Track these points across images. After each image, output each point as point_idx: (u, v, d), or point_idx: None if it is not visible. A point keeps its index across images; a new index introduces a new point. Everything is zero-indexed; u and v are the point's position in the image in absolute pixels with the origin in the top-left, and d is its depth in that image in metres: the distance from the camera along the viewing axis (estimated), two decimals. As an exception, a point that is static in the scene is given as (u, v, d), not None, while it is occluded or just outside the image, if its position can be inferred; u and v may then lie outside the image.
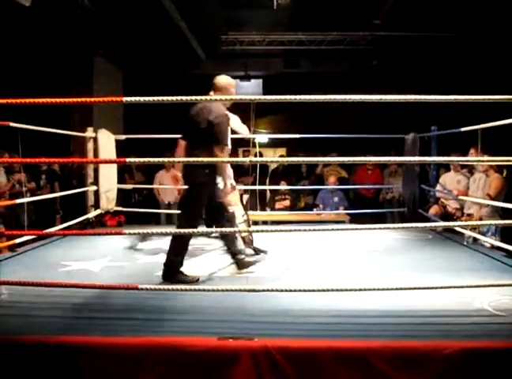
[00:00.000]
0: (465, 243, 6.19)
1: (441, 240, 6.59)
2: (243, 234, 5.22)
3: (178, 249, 4.50)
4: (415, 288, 3.81)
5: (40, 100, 4.35)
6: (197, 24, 9.70)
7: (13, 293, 4.03)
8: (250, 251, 5.33)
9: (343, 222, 8.25)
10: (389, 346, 3.01)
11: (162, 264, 4.63)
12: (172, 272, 4.47)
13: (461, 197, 6.96)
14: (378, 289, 3.93)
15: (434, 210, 7.57)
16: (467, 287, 3.94)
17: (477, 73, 10.61)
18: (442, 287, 3.88)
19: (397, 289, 3.81)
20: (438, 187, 7.69)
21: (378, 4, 9.37)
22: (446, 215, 7.46)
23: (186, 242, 4.54)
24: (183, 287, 3.98)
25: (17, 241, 5.54)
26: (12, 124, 5.37)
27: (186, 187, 4.69)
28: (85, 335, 3.16)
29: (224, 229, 4.55)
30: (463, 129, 6.22)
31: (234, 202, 5.32)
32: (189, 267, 4.99)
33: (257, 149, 5.92)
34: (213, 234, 5.79)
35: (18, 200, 6.04)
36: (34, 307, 3.77)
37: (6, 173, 7.69)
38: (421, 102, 3.71)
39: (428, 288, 3.88)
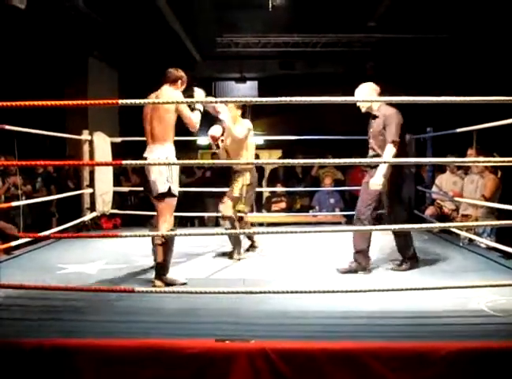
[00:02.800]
0: (461, 244, 6.21)
1: (437, 241, 6.60)
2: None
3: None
4: (411, 289, 3.81)
5: (35, 103, 4.35)
6: (192, 25, 9.71)
7: (9, 296, 4.02)
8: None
9: (339, 223, 8.25)
10: (386, 347, 3.01)
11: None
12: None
13: (456, 198, 6.98)
14: (375, 290, 3.94)
15: (430, 211, 7.59)
16: (463, 287, 3.95)
17: (472, 74, 10.62)
18: (438, 288, 3.89)
19: (393, 290, 3.82)
20: (434, 188, 7.71)
21: (373, 6, 9.39)
22: (442, 216, 7.48)
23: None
24: (180, 289, 3.99)
25: (13, 243, 5.53)
26: (7, 127, 5.36)
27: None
28: (82, 337, 3.15)
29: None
30: (458, 130, 6.23)
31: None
32: (185, 269, 5.01)
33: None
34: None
35: (14, 203, 6.02)
36: (30, 310, 3.76)
37: (2, 176, 7.68)
38: (416, 103, 3.72)
39: (425, 289, 3.88)
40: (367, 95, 4.84)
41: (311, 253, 5.87)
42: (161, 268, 4.34)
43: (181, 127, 4.63)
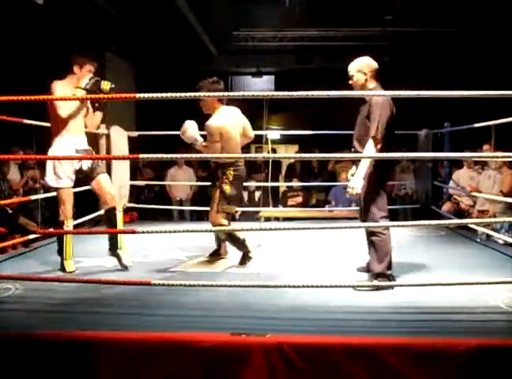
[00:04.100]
0: (478, 240, 6.16)
1: (454, 237, 6.56)
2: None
3: None
4: (428, 284, 3.80)
5: (53, 97, 4.39)
6: (209, 20, 9.70)
7: (27, 288, 4.06)
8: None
9: (355, 218, 8.21)
10: (403, 342, 3.00)
11: (174, 260, 4.62)
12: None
13: (474, 194, 6.93)
14: (392, 285, 3.92)
15: (447, 206, 7.54)
16: (480, 283, 3.91)
17: (491, 68, 10.52)
18: (454, 284, 3.87)
19: (409, 285, 3.81)
20: (451, 183, 7.66)
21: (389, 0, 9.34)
22: (459, 212, 7.43)
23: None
24: (195, 282, 4.00)
25: (31, 237, 5.59)
26: (25, 121, 5.41)
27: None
28: (98, 330, 3.18)
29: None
30: (476, 125, 6.18)
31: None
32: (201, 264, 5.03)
33: (270, 146, 5.91)
34: None
35: (32, 197, 6.08)
36: (47, 302, 3.80)
37: (20, 169, 7.76)
38: (434, 98, 3.69)
39: (441, 285, 3.87)
40: (357, 67, 4.32)
41: (327, 247, 5.87)
42: None
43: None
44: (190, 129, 4.91)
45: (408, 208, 9.20)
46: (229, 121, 4.85)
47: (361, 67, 4.31)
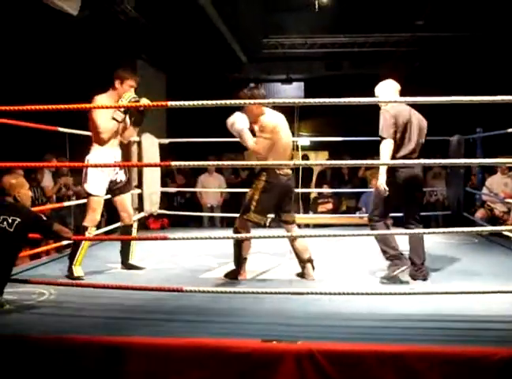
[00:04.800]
0: (512, 247, 6.06)
1: (487, 244, 6.46)
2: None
3: None
4: (461, 293, 3.75)
5: (88, 106, 4.48)
6: (239, 28, 9.76)
7: (61, 293, 4.13)
8: None
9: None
10: (434, 351, 2.96)
11: (205, 266, 4.65)
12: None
13: (508, 200, 6.82)
14: (425, 293, 3.89)
15: (480, 213, 7.44)
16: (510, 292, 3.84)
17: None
18: (487, 292, 3.82)
19: (441, 293, 3.77)
20: (485, 190, 7.55)
21: (420, 4, 9.26)
22: (493, 219, 7.32)
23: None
24: (227, 289, 4.02)
25: (65, 242, 5.67)
26: (60, 129, 5.51)
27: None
28: (130, 335, 3.20)
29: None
30: (509, 131, 6.09)
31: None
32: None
33: (300, 152, 5.90)
34: None
35: (65, 203, 6.17)
36: (80, 308, 3.85)
37: (53, 176, 7.89)
38: (466, 103, 3.65)
39: (474, 293, 3.82)
40: (384, 91, 4.58)
41: (357, 254, 5.83)
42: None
43: (224, 128, 4.66)
44: (239, 121, 4.59)
45: (439, 215, 9.10)
46: (281, 122, 4.68)
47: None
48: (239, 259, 4.68)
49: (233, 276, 4.66)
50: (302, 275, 4.74)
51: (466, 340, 3.15)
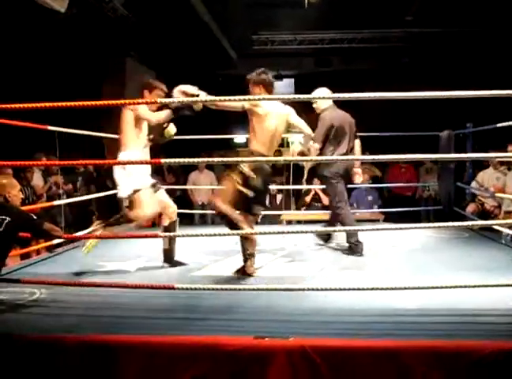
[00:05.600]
0: (503, 242, 6.09)
1: (477, 238, 6.49)
2: None
3: None
4: (450, 287, 3.76)
5: (77, 104, 4.44)
6: (228, 24, 9.73)
7: (51, 292, 4.11)
8: None
9: (377, 221, 8.19)
10: (426, 345, 2.98)
11: (197, 264, 4.64)
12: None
13: (498, 195, 6.84)
14: (414, 288, 3.89)
15: (471, 208, 7.46)
16: (503, 285, 3.86)
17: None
18: (478, 286, 3.83)
19: (432, 288, 3.77)
20: (474, 184, 7.58)
21: (409, 0, 9.27)
22: (484, 213, 7.35)
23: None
24: (219, 286, 4.01)
25: (55, 241, 5.65)
26: (49, 127, 5.48)
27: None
28: (122, 334, 3.20)
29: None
30: (499, 125, 6.11)
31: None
32: (224, 267, 5.03)
33: (291, 149, 5.88)
34: None
35: (56, 202, 6.14)
36: (71, 307, 3.84)
37: (44, 175, 7.84)
38: (455, 98, 3.66)
39: (464, 287, 3.83)
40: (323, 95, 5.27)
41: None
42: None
43: (215, 125, 4.65)
44: (188, 86, 4.38)
45: (431, 210, 9.13)
46: (269, 106, 4.65)
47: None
48: (245, 255, 4.71)
49: (244, 272, 4.68)
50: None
51: (457, 334, 3.16)
